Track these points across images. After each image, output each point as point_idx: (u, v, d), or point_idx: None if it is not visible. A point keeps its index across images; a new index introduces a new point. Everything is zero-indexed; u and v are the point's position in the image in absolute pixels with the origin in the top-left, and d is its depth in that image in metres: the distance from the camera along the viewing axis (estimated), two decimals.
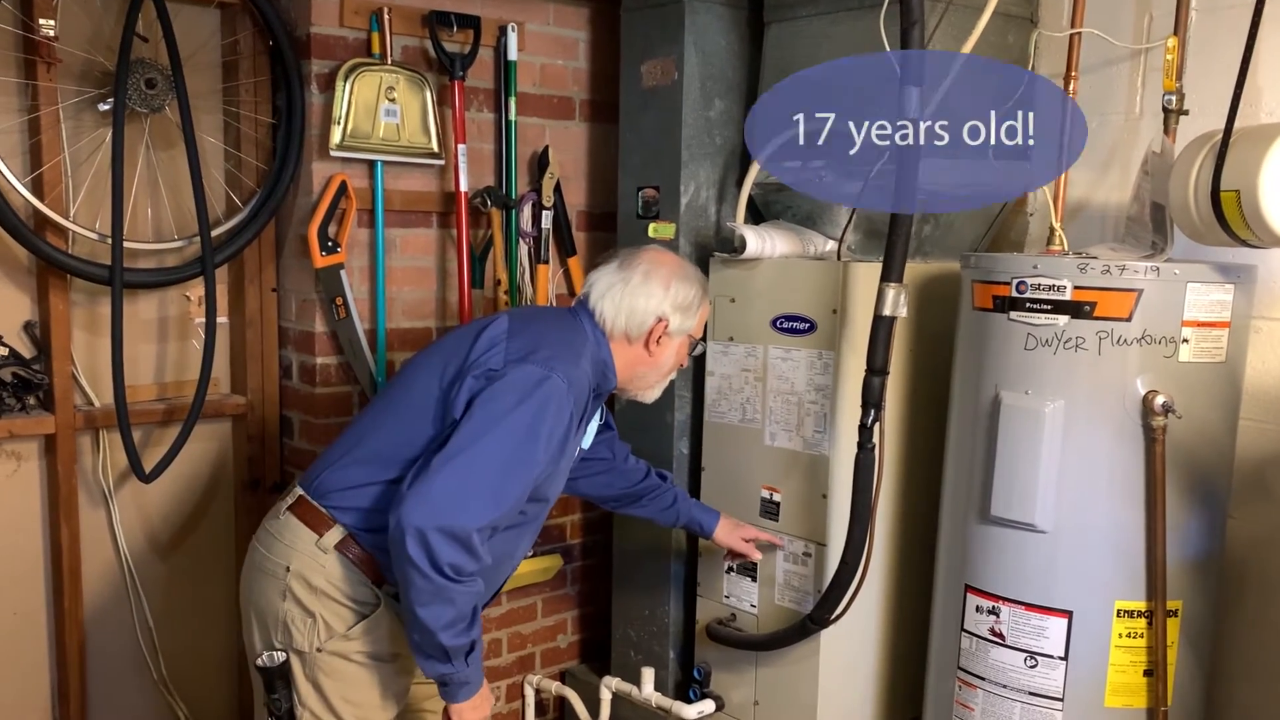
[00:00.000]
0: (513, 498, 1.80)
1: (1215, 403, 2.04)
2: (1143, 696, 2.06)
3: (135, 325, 2.57)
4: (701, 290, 2.09)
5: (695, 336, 2.12)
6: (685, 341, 2.10)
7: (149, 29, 2.39)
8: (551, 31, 2.88)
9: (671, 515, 2.43)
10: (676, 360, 2.10)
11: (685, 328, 2.06)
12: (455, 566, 1.72)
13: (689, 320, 2.06)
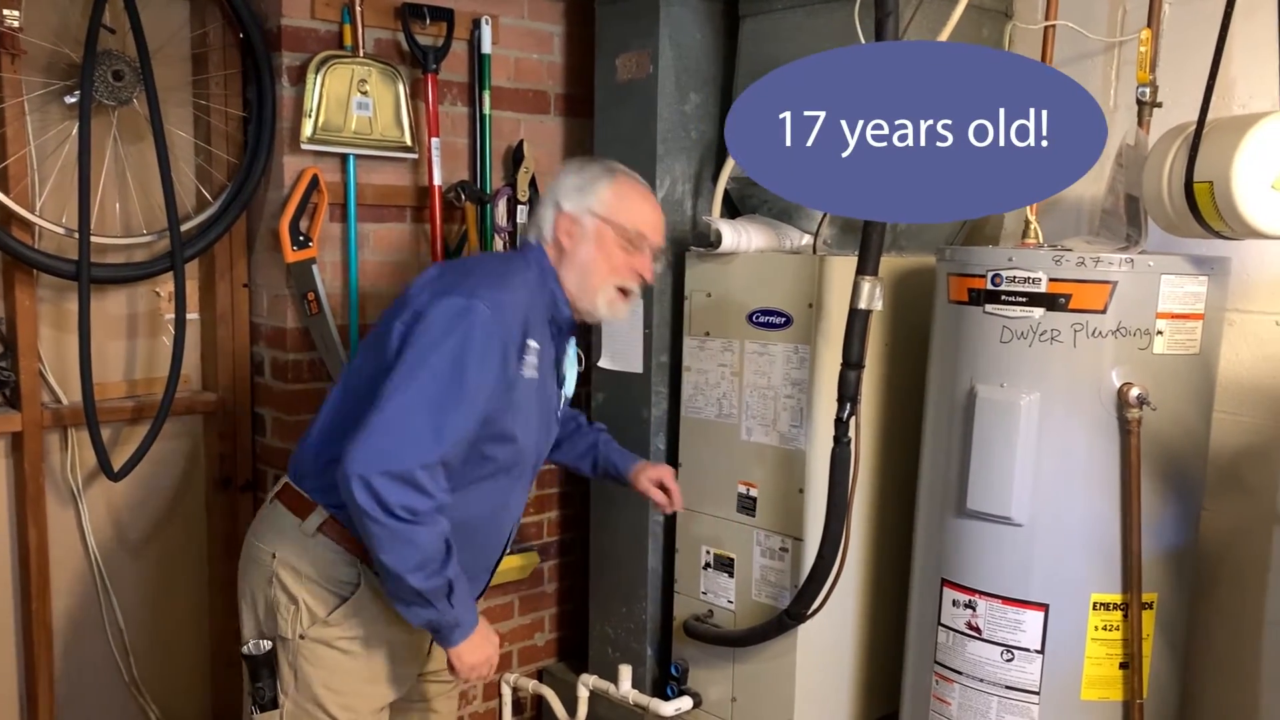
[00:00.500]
0: (454, 430, 1.74)
1: (1189, 395, 2.05)
2: (1119, 689, 2.06)
3: (104, 321, 2.53)
4: (602, 170, 1.97)
5: (620, 223, 1.93)
6: (611, 236, 1.93)
7: (116, 20, 2.35)
8: (526, 25, 2.86)
9: (588, 461, 2.33)
10: (608, 260, 1.93)
11: (587, 205, 1.93)
12: (407, 508, 1.70)
13: (587, 198, 1.93)
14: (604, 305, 1.95)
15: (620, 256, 1.94)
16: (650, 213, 1.99)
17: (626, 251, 1.94)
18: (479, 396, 1.77)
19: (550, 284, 1.94)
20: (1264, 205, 1.83)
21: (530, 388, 1.88)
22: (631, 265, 1.95)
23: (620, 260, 1.94)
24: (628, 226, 1.94)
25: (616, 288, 1.95)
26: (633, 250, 1.95)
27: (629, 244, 1.94)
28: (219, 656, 2.79)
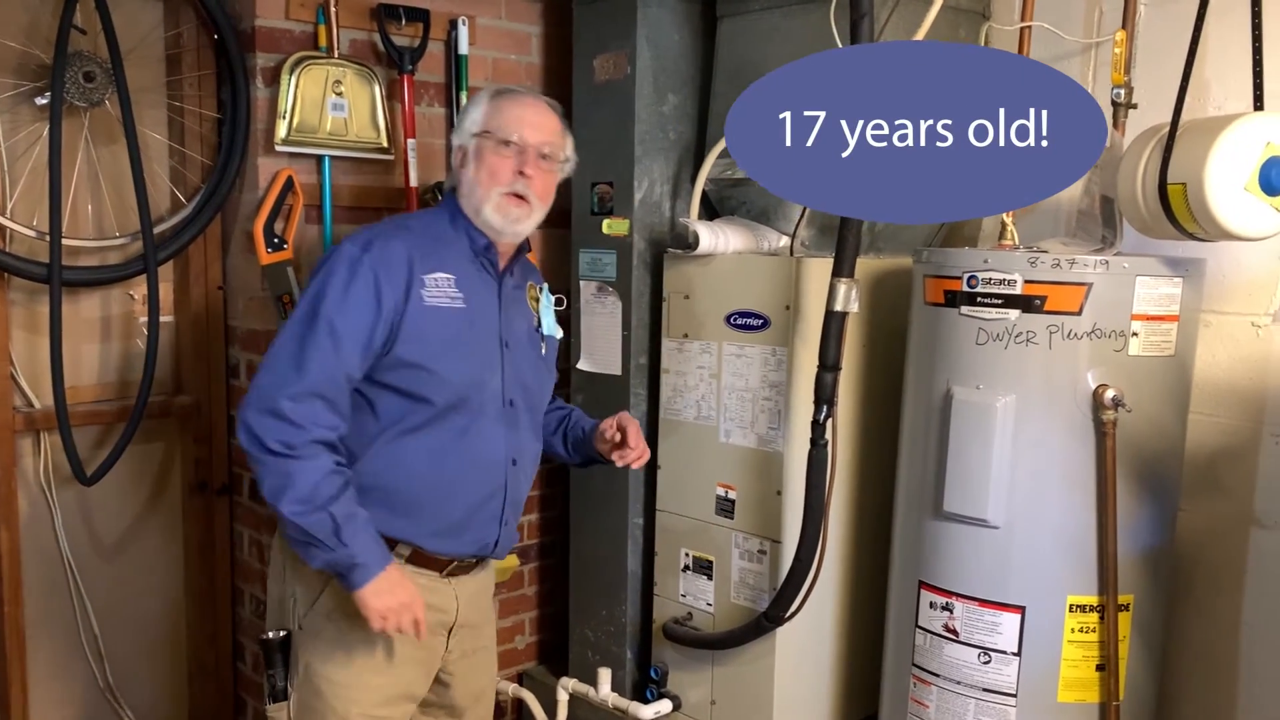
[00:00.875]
0: (316, 361, 1.76)
1: (1165, 396, 2.05)
2: (1095, 691, 2.06)
3: (78, 324, 2.51)
4: (483, 94, 1.97)
5: (491, 130, 1.91)
6: (488, 146, 1.90)
7: (88, 21, 2.33)
8: (504, 25, 2.84)
9: (559, 438, 2.22)
10: (487, 170, 1.90)
11: (467, 131, 1.93)
12: (282, 441, 1.74)
13: (467, 125, 1.94)
14: (491, 212, 1.90)
15: (496, 161, 1.90)
16: (524, 111, 1.94)
17: (502, 155, 1.90)
18: (343, 327, 1.78)
19: (460, 221, 1.95)
20: (1237, 207, 1.83)
21: (442, 316, 1.86)
22: (511, 167, 1.90)
23: (497, 164, 1.90)
24: (498, 130, 1.91)
25: (503, 194, 1.90)
26: (508, 152, 1.90)
27: (503, 146, 1.90)
28: (195, 661, 2.77)
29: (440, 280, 1.87)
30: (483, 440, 1.92)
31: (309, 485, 1.74)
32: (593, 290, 2.73)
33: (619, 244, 2.66)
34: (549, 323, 2.11)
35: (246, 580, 2.72)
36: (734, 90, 2.53)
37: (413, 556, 1.92)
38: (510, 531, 2.04)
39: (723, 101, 2.59)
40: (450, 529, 1.93)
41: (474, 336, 1.91)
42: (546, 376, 2.11)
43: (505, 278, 2.00)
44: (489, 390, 1.93)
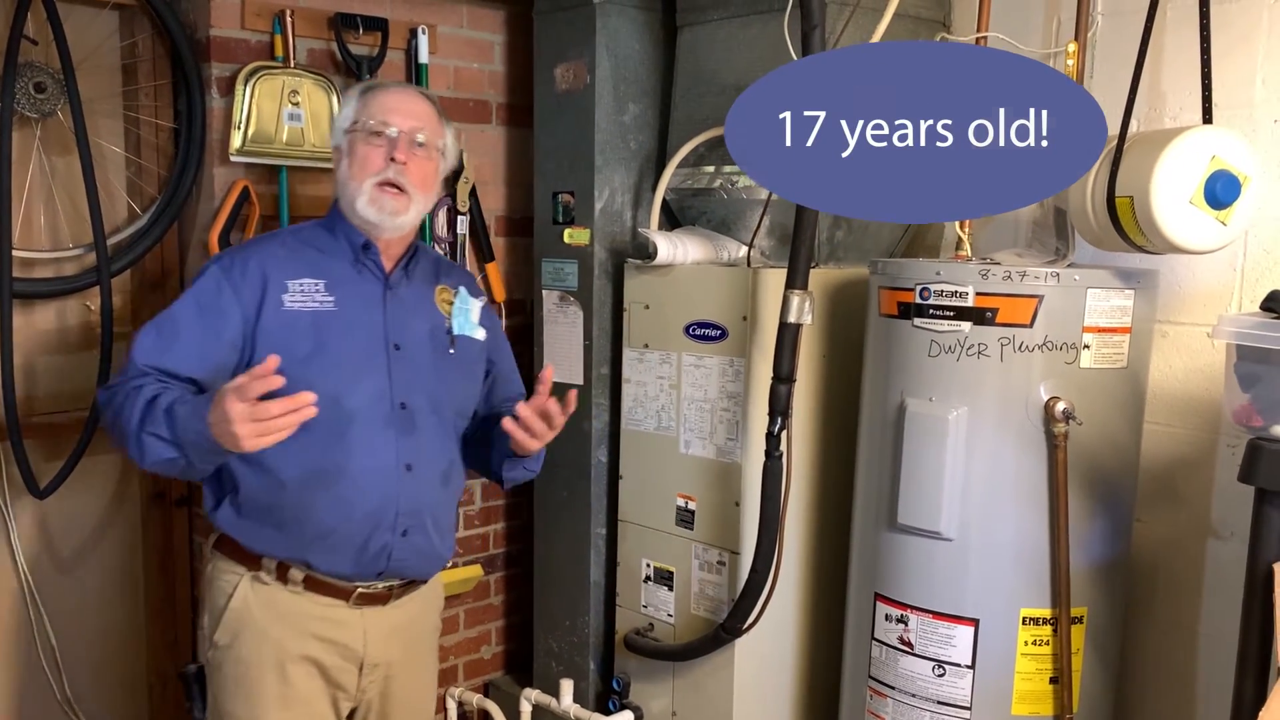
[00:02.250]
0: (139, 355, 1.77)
1: (1118, 408, 2.04)
2: (1049, 704, 2.06)
3: (33, 336, 2.49)
4: (354, 92, 1.92)
5: (359, 122, 1.86)
6: (358, 139, 1.85)
7: (40, 31, 2.31)
8: (465, 34, 2.83)
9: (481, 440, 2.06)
10: (358, 163, 1.85)
11: (340, 129, 1.89)
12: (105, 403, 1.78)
13: (340, 124, 1.90)
14: (365, 205, 1.83)
15: (366, 151, 1.84)
16: (392, 99, 1.88)
17: (373, 145, 1.84)
18: (176, 327, 1.79)
19: (340, 225, 1.90)
20: (1182, 220, 1.83)
21: (305, 320, 1.81)
22: (382, 155, 1.84)
23: (367, 154, 1.84)
24: (367, 121, 1.85)
25: (375, 184, 1.83)
26: (379, 141, 1.84)
27: (374, 136, 1.84)
28: (155, 673, 2.75)
29: (306, 285, 1.83)
30: (364, 445, 1.83)
31: (121, 399, 1.72)
32: (555, 300, 2.72)
33: (580, 253, 2.65)
34: (460, 323, 2.00)
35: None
36: (694, 99, 2.55)
37: (309, 582, 1.85)
38: (416, 545, 1.90)
39: (683, 111, 2.59)
40: (335, 542, 1.83)
41: (348, 339, 1.84)
42: (460, 379, 2.00)
43: (399, 278, 1.92)
44: (369, 393, 1.84)
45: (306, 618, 1.86)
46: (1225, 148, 1.83)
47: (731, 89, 2.46)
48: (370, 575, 1.89)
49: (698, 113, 2.53)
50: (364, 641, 1.91)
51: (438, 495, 1.94)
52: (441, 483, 1.95)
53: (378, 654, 1.93)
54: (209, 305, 1.80)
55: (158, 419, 1.67)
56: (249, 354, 1.80)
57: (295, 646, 1.86)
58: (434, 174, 1.92)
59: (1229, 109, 2.10)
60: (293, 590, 1.85)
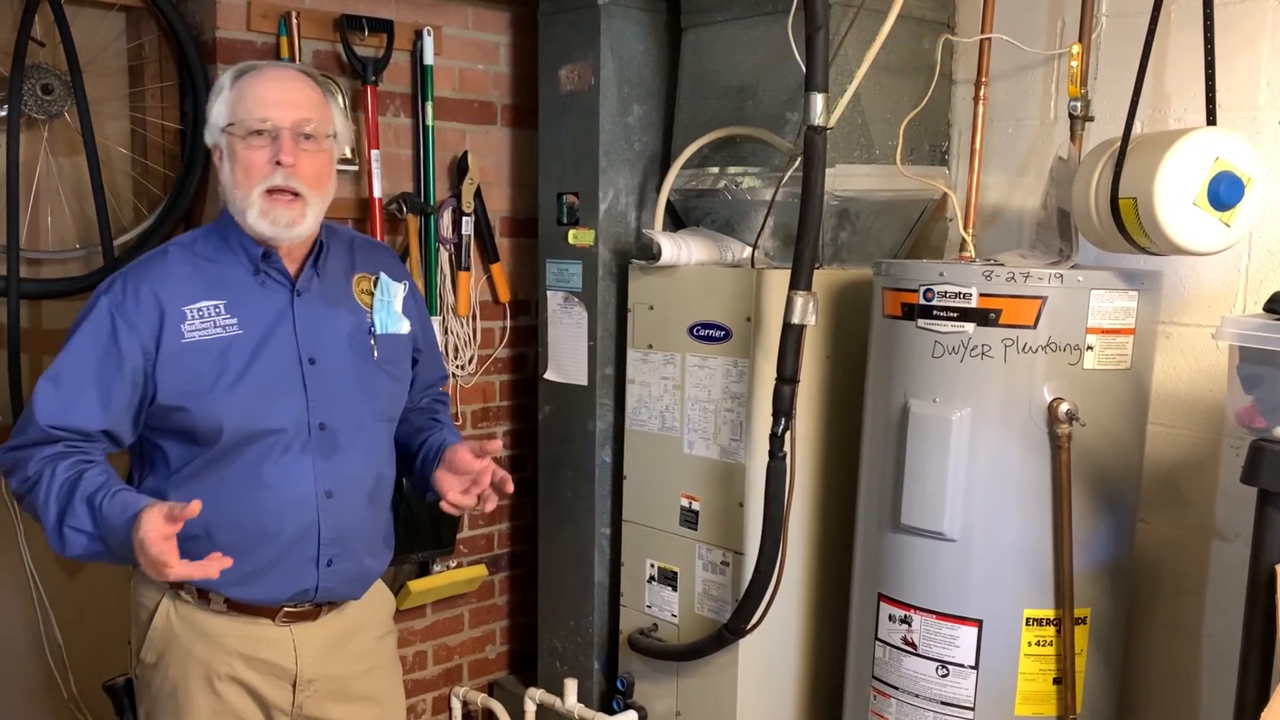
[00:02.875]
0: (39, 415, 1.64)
1: (1121, 409, 2.04)
2: (1053, 704, 2.06)
3: (40, 336, 2.50)
4: (224, 80, 1.71)
5: (237, 120, 1.66)
6: (237, 141, 1.67)
7: (47, 33, 2.33)
8: (470, 35, 2.84)
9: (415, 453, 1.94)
10: (241, 168, 1.67)
11: (216, 126, 1.69)
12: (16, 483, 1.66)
13: (213, 120, 1.70)
14: (256, 218, 1.66)
15: (248, 156, 1.65)
16: (268, 89, 1.67)
17: (254, 147, 1.65)
18: (81, 365, 1.65)
19: (233, 232, 1.72)
20: (1186, 221, 1.83)
21: (208, 350, 1.67)
22: (266, 158, 1.65)
23: (250, 159, 1.65)
24: (243, 119, 1.65)
25: (263, 192, 1.65)
26: (260, 141, 1.65)
27: (254, 136, 1.65)
28: None
29: (205, 309, 1.67)
30: (280, 476, 1.69)
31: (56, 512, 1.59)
32: (559, 300, 2.73)
33: (584, 254, 2.65)
34: (383, 319, 1.83)
35: None
36: (698, 101, 2.56)
37: (231, 603, 1.74)
38: (343, 572, 1.79)
39: (687, 112, 2.59)
40: (252, 575, 1.70)
41: (256, 363, 1.69)
42: (386, 382, 1.84)
43: (307, 280, 1.76)
44: (285, 418, 1.70)
45: (231, 636, 1.75)
46: (1229, 149, 1.83)
47: (735, 91, 2.47)
48: (298, 601, 1.78)
49: (702, 114, 2.54)
50: (295, 658, 1.79)
51: (363, 516, 1.81)
52: (368, 503, 1.81)
53: (311, 670, 1.80)
54: (105, 347, 1.64)
55: (78, 512, 1.57)
56: (151, 392, 1.67)
57: (221, 666, 1.76)
58: (328, 167, 1.72)
59: (1233, 111, 2.10)
60: (215, 610, 1.74)
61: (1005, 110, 2.46)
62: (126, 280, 1.68)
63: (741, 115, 2.45)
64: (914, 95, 2.43)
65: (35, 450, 1.63)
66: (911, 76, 2.45)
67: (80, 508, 1.58)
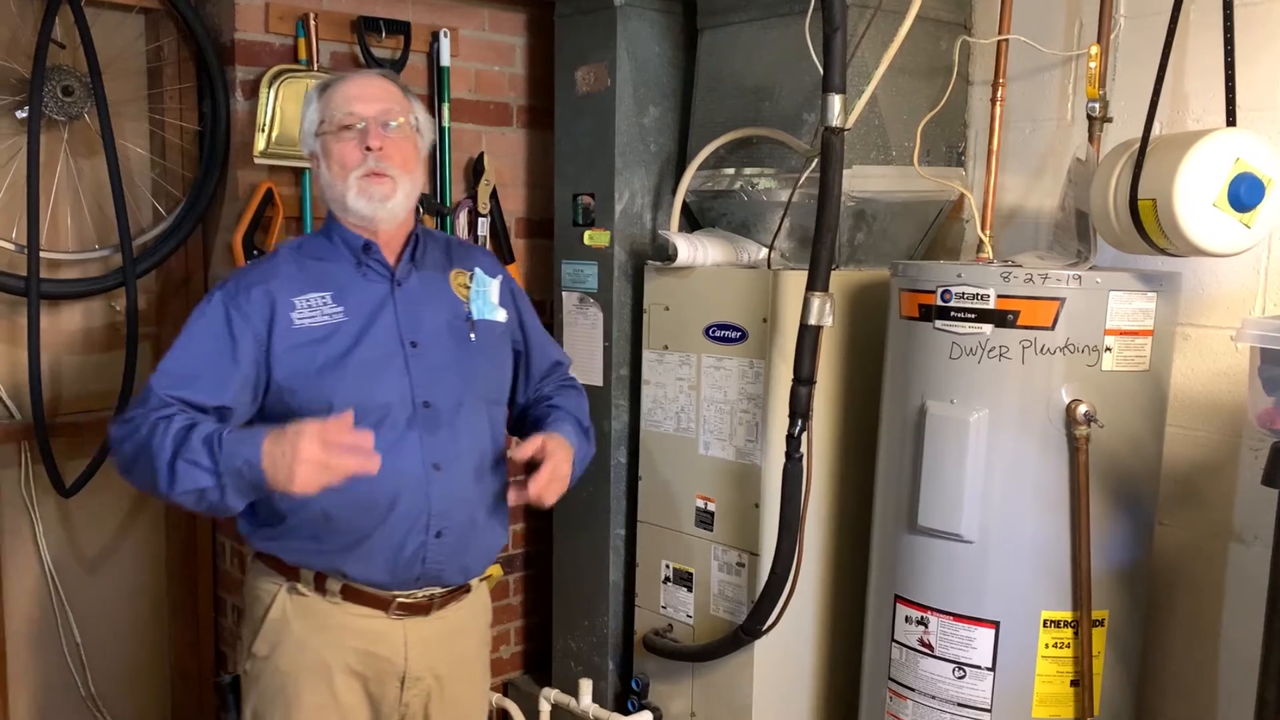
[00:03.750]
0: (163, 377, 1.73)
1: (1140, 411, 2.04)
2: (1070, 707, 2.05)
3: (60, 336, 2.52)
4: (314, 93, 1.87)
5: (327, 120, 1.81)
6: (330, 140, 1.80)
7: (67, 35, 2.34)
8: (486, 37, 2.85)
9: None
10: (336, 163, 1.80)
11: (310, 133, 1.85)
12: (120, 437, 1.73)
13: (308, 128, 1.86)
14: (354, 199, 1.79)
15: (341, 149, 1.79)
16: (350, 89, 1.82)
17: (345, 140, 1.79)
18: (199, 349, 1.75)
19: (335, 230, 1.86)
20: (1206, 223, 1.83)
21: (316, 335, 1.78)
22: (357, 147, 1.79)
23: (343, 151, 1.79)
24: (332, 118, 1.80)
25: (359, 176, 1.79)
26: (350, 135, 1.79)
27: (344, 131, 1.79)
28: (178, 670, 2.78)
29: (313, 300, 1.80)
30: (389, 449, 1.74)
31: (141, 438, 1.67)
32: (574, 301, 2.73)
33: (600, 255, 2.66)
34: (480, 306, 1.94)
35: (228, 590, 2.73)
36: (714, 102, 2.56)
37: (347, 592, 1.82)
38: (451, 546, 1.85)
39: (703, 113, 2.59)
40: (368, 549, 1.79)
41: (361, 346, 1.80)
42: (485, 364, 1.93)
43: (405, 271, 1.88)
44: (390, 396, 1.80)
45: (345, 629, 1.83)
46: (1249, 150, 1.83)
47: (751, 92, 2.48)
48: (409, 581, 1.84)
49: (718, 115, 2.54)
50: (405, 654, 1.86)
51: (470, 492, 1.87)
52: (474, 479, 1.88)
53: (419, 667, 1.88)
54: (220, 333, 1.76)
55: (195, 447, 1.63)
56: (266, 376, 1.77)
57: (334, 658, 1.83)
58: (414, 152, 1.86)
59: (1253, 111, 2.09)
60: (331, 601, 1.82)
61: (1022, 111, 2.45)
62: (239, 278, 1.82)
63: (758, 116, 2.45)
64: (930, 96, 2.43)
65: (149, 413, 1.70)
66: (927, 78, 2.44)
67: (197, 443, 1.63)
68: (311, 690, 1.83)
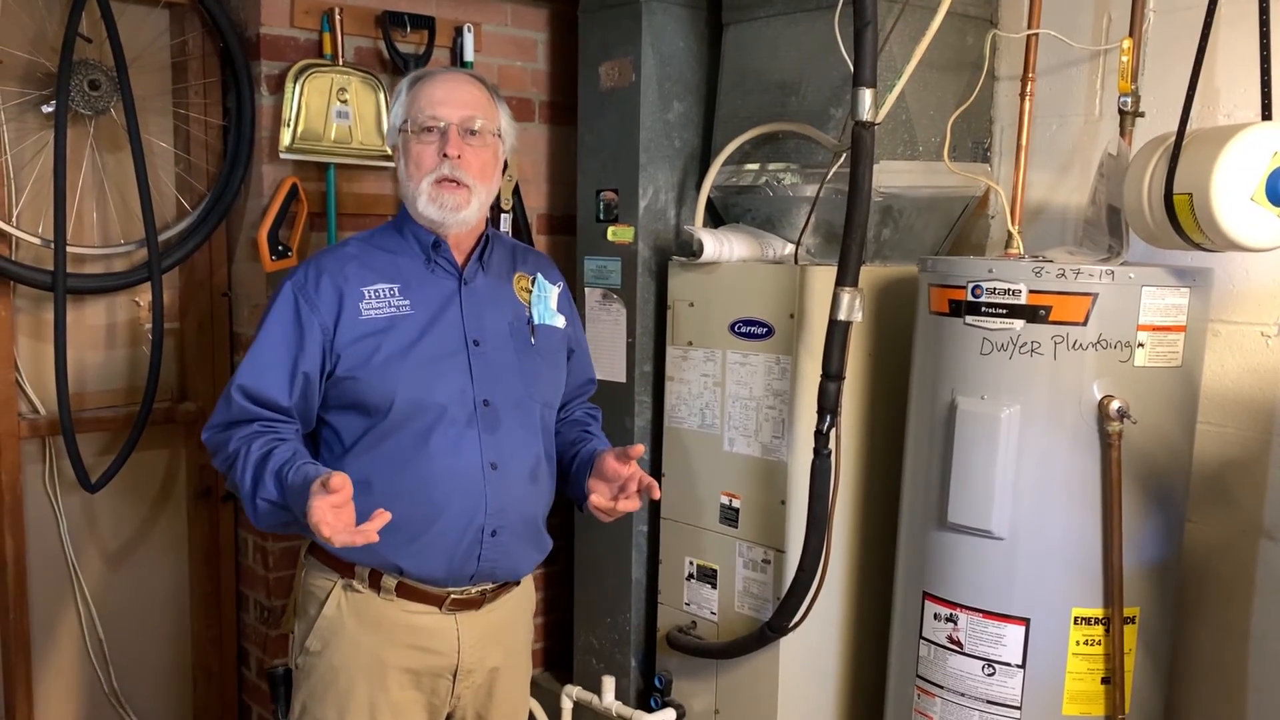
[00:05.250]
0: (245, 369, 1.79)
1: (1171, 407, 2.03)
2: (1100, 704, 2.04)
3: (84, 331, 2.52)
4: (404, 86, 1.88)
5: (409, 119, 1.83)
6: (410, 138, 1.82)
7: (93, 30, 2.34)
8: (509, 32, 2.84)
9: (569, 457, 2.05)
10: (414, 162, 1.82)
11: (394, 129, 1.87)
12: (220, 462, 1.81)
13: (392, 123, 1.88)
14: (425, 205, 1.81)
15: (420, 150, 1.81)
16: (438, 90, 1.83)
17: (425, 143, 1.81)
18: (270, 343, 1.79)
19: (408, 225, 1.88)
20: (1243, 217, 1.82)
21: (383, 326, 1.80)
22: (435, 152, 1.80)
23: (421, 153, 1.81)
24: (416, 118, 1.81)
25: (432, 182, 1.81)
26: (430, 138, 1.80)
27: (425, 133, 1.81)
28: (200, 667, 2.78)
29: (381, 291, 1.82)
30: (449, 446, 1.80)
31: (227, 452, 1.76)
32: (598, 297, 2.73)
33: (624, 251, 2.65)
34: (540, 311, 1.98)
35: (251, 586, 2.72)
36: (739, 97, 2.55)
37: (402, 589, 1.83)
38: (506, 544, 1.87)
39: (727, 108, 2.59)
40: (425, 544, 1.80)
41: (425, 340, 1.82)
42: (544, 368, 1.96)
43: (473, 272, 1.90)
44: (451, 393, 1.82)
45: (399, 625, 1.84)
46: None
47: (777, 87, 2.47)
48: (462, 578, 1.85)
49: (742, 110, 2.53)
50: (457, 648, 1.88)
51: (525, 492, 1.90)
52: (529, 479, 1.91)
53: (472, 660, 1.90)
54: (291, 325, 1.79)
55: (267, 485, 1.69)
56: (332, 364, 1.80)
57: (388, 654, 1.84)
58: (492, 161, 1.87)
59: None
60: (385, 598, 1.83)
61: (1049, 106, 2.44)
62: (309, 267, 1.85)
63: (784, 111, 2.44)
64: (956, 91, 2.42)
65: (234, 430, 1.77)
66: (954, 72, 2.43)
67: (269, 480, 1.69)
68: (364, 686, 1.83)
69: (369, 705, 1.84)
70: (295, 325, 1.79)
